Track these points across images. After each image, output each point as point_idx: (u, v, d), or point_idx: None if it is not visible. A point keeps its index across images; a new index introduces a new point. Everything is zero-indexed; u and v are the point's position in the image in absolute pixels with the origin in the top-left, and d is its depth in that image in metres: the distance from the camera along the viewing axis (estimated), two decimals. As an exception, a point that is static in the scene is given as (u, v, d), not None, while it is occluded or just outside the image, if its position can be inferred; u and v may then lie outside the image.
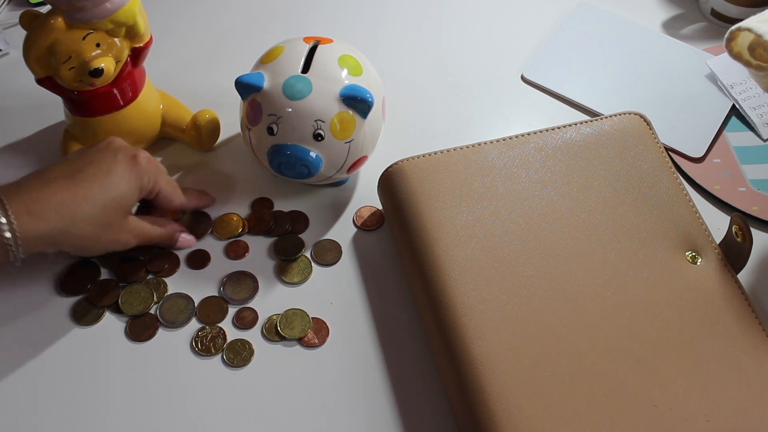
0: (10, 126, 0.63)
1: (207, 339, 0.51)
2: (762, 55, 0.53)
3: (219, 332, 0.51)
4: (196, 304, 0.53)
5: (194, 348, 0.50)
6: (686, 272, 0.50)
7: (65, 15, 0.50)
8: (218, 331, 0.51)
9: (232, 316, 0.52)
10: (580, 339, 0.47)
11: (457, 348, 0.46)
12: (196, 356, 0.50)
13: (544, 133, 0.56)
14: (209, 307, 0.52)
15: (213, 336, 0.51)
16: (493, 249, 0.50)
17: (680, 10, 0.74)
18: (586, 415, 0.44)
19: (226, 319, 0.52)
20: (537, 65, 0.68)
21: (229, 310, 0.52)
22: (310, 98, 0.51)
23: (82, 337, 0.51)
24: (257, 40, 0.68)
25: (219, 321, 0.52)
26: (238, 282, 0.53)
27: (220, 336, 0.51)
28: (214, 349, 0.50)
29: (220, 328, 0.51)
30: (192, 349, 0.50)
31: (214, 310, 0.52)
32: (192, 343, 0.51)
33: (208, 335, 0.51)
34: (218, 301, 0.53)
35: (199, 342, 0.50)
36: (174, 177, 0.60)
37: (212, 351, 0.50)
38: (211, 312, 0.52)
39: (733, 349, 0.47)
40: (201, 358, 0.50)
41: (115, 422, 0.48)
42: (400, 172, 0.54)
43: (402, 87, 0.66)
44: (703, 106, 0.65)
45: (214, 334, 0.51)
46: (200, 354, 0.50)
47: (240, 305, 0.52)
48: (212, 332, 0.51)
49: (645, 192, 0.54)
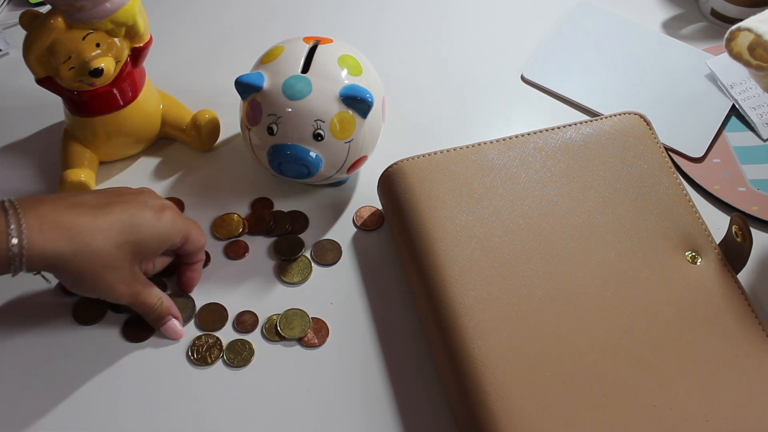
0: (10, 126, 0.63)
1: (203, 348, 0.50)
2: (762, 55, 0.53)
3: (216, 342, 0.51)
4: (197, 307, 0.52)
5: (190, 357, 0.50)
6: (686, 272, 0.50)
7: (65, 15, 0.50)
8: (215, 340, 0.51)
9: (232, 320, 0.52)
10: (580, 339, 0.47)
11: (457, 348, 0.46)
12: (193, 365, 0.50)
13: (544, 133, 0.56)
14: (209, 313, 0.52)
15: (209, 346, 0.50)
16: (493, 249, 0.50)
17: (680, 10, 0.74)
18: (586, 415, 0.44)
19: (226, 325, 0.52)
20: (537, 65, 0.68)
21: (229, 315, 0.52)
22: (309, 98, 0.51)
23: (82, 337, 0.51)
24: (257, 40, 0.68)
25: (218, 329, 0.51)
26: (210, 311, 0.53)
27: (216, 346, 0.50)
28: (210, 358, 0.50)
29: (216, 338, 0.51)
30: (188, 359, 0.50)
31: (213, 318, 0.52)
32: (188, 352, 0.50)
33: (204, 345, 0.50)
34: (218, 308, 0.52)
35: (195, 351, 0.50)
36: (174, 177, 0.60)
37: (208, 361, 0.50)
38: (210, 319, 0.52)
39: (733, 349, 0.47)
40: (197, 368, 0.50)
41: (116, 422, 0.48)
42: (400, 172, 0.54)
43: (402, 87, 0.66)
44: (703, 106, 0.65)
45: (210, 344, 0.50)
46: (196, 363, 0.50)
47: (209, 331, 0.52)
48: (208, 342, 0.51)
49: (645, 192, 0.54)
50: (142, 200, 0.48)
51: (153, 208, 0.48)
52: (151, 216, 0.48)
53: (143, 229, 0.47)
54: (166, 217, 0.48)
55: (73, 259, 0.44)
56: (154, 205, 0.48)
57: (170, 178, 0.60)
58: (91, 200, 0.46)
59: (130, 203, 0.47)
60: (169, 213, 0.49)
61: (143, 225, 0.47)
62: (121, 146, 0.59)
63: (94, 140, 0.58)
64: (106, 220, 0.45)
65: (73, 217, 0.45)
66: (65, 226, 0.44)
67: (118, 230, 0.46)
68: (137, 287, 0.48)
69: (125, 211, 0.47)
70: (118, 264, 0.47)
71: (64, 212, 0.45)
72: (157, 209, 0.48)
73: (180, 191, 0.59)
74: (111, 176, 0.60)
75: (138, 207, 0.47)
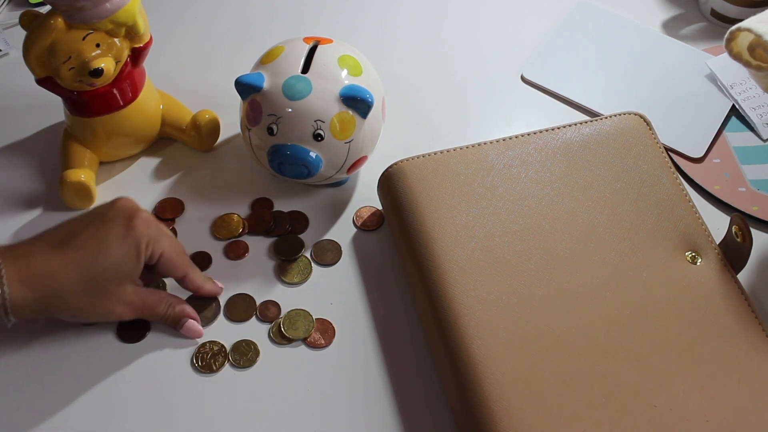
0: (10, 126, 0.63)
1: (208, 356, 0.50)
2: (762, 56, 0.53)
3: (220, 349, 0.50)
4: (222, 303, 0.53)
5: (194, 364, 0.50)
6: (686, 272, 0.50)
7: (65, 15, 0.50)
8: (219, 348, 0.51)
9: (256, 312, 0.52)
10: (580, 339, 0.47)
11: (457, 348, 0.46)
12: (197, 373, 0.50)
13: (544, 133, 0.56)
14: (236, 306, 0.53)
15: (214, 353, 0.50)
16: (493, 249, 0.50)
17: (680, 10, 0.74)
18: (586, 415, 0.44)
19: (252, 319, 0.52)
20: (537, 65, 0.68)
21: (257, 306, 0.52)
22: (309, 98, 0.51)
23: (82, 336, 0.51)
24: (257, 40, 0.68)
25: (246, 320, 0.52)
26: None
27: (221, 353, 0.50)
28: (215, 365, 0.50)
29: (221, 346, 0.51)
30: (192, 366, 0.50)
31: (239, 310, 0.52)
32: (192, 359, 0.50)
33: (209, 352, 0.50)
34: (245, 299, 0.53)
35: (199, 359, 0.50)
36: (174, 177, 0.60)
37: (213, 368, 0.50)
38: (237, 310, 0.52)
39: (733, 349, 0.47)
40: (202, 375, 0.50)
41: (116, 421, 0.48)
42: (400, 172, 0.54)
43: (402, 87, 0.66)
44: (703, 106, 0.65)
45: (215, 351, 0.50)
46: (201, 371, 0.50)
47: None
48: (213, 349, 0.51)
49: (645, 192, 0.54)
50: (108, 221, 0.47)
51: (121, 224, 0.47)
52: (119, 233, 0.46)
53: (115, 250, 0.46)
54: (135, 226, 0.47)
55: (55, 301, 0.45)
56: (123, 218, 0.47)
57: (170, 178, 0.60)
58: (57, 236, 0.46)
59: (97, 228, 0.46)
60: (140, 219, 0.47)
61: (114, 247, 0.46)
62: (121, 146, 0.59)
63: (94, 140, 0.58)
64: (74, 255, 0.45)
65: (45, 258, 0.44)
66: (40, 269, 0.44)
67: (90, 261, 0.45)
68: (137, 301, 0.48)
69: (93, 239, 0.46)
70: (104, 290, 0.46)
71: (37, 255, 0.44)
72: (124, 223, 0.47)
73: (180, 191, 0.59)
74: (111, 176, 0.60)
75: (105, 229, 0.46)
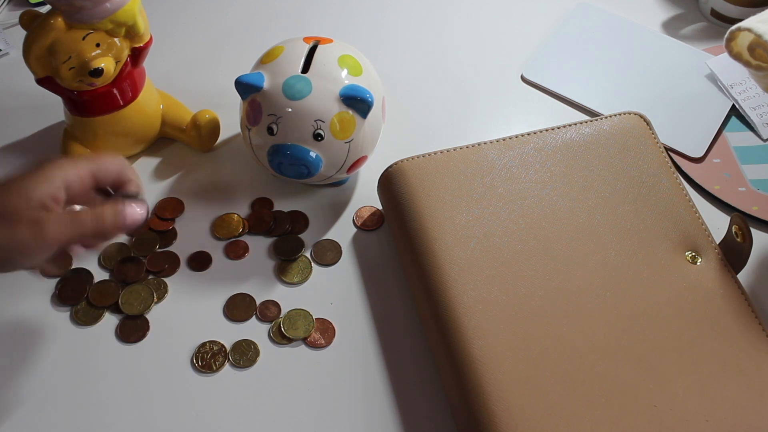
0: (10, 126, 0.63)
1: (208, 356, 0.50)
2: (762, 55, 0.53)
3: (220, 349, 0.51)
4: (222, 303, 0.53)
5: (194, 364, 0.50)
6: (686, 272, 0.50)
7: (65, 15, 0.50)
8: (219, 347, 0.51)
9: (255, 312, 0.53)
10: (580, 339, 0.47)
11: (457, 348, 0.46)
12: (197, 372, 0.50)
13: (544, 133, 0.56)
14: (236, 306, 0.53)
15: (214, 353, 0.50)
16: (493, 249, 0.50)
17: (680, 10, 0.74)
18: (586, 415, 0.44)
19: (251, 318, 0.52)
20: (537, 65, 0.68)
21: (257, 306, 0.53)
22: (309, 98, 0.51)
23: (81, 337, 0.51)
24: (257, 40, 0.68)
25: (245, 320, 0.52)
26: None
27: (221, 353, 0.50)
28: (215, 365, 0.50)
29: (221, 345, 0.51)
30: (192, 365, 0.50)
31: (240, 309, 0.52)
32: (192, 359, 0.50)
33: (209, 352, 0.50)
34: (245, 298, 0.53)
35: (199, 358, 0.50)
36: (174, 177, 0.60)
37: (213, 368, 0.50)
38: (237, 310, 0.52)
39: (733, 349, 0.47)
40: (202, 375, 0.50)
41: (116, 421, 0.48)
42: (400, 172, 0.54)
43: (402, 87, 0.66)
44: (703, 106, 0.65)
45: (215, 351, 0.50)
46: (201, 371, 0.50)
47: None
48: (213, 349, 0.51)
49: (645, 192, 0.54)
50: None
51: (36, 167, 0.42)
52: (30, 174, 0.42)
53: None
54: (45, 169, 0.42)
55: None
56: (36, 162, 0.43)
57: (170, 178, 0.60)
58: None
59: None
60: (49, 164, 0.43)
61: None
62: (121, 146, 0.59)
63: (94, 140, 0.58)
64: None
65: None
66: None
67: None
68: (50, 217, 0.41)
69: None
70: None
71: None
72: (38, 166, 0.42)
73: (180, 191, 0.59)
74: (111, 176, 0.60)
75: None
